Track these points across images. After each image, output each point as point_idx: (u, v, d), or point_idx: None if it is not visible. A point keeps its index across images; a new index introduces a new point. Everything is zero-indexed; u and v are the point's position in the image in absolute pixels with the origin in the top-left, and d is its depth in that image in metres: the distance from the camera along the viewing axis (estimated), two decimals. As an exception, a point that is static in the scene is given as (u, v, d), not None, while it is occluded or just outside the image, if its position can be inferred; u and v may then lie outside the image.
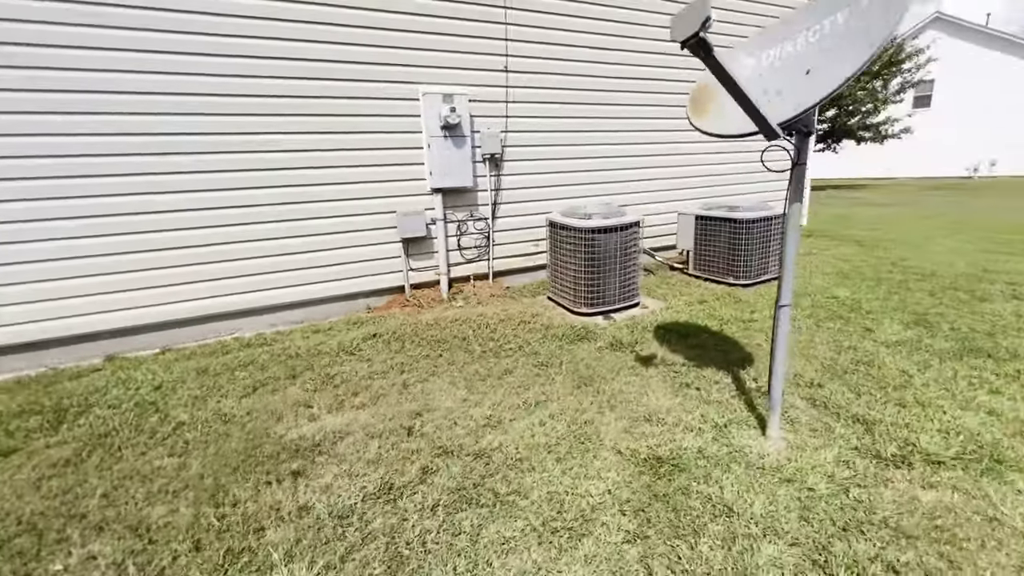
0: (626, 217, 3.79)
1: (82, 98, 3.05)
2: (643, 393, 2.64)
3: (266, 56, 3.43)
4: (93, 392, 2.82)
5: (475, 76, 4.12)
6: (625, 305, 3.93)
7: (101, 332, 3.31)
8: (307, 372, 3.02)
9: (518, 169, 4.49)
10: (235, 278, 3.61)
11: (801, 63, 1.82)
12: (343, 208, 3.84)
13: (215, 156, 3.42)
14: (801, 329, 3.43)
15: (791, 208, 1.95)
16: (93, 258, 3.22)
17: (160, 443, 2.32)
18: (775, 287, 4.37)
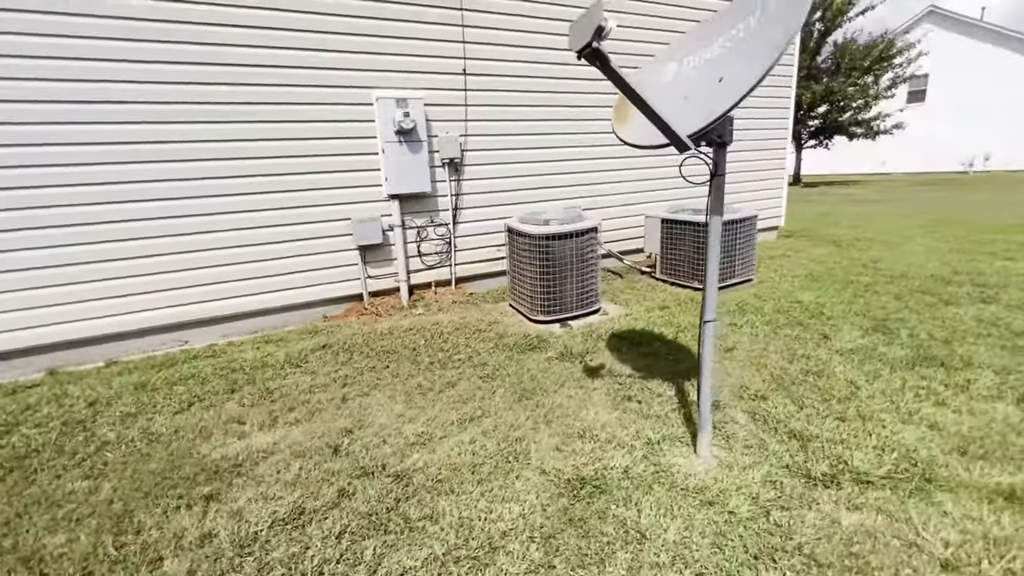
0: (583, 223, 3.72)
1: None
2: (583, 407, 2.58)
3: (212, 63, 3.36)
4: (24, 410, 2.76)
5: (432, 79, 4.05)
6: (584, 312, 3.86)
7: (42, 346, 3.25)
8: (247, 386, 2.96)
9: (480, 174, 4.42)
10: (185, 288, 3.54)
11: (715, 70, 1.75)
12: (296, 216, 3.77)
13: (161, 166, 3.35)
14: (757, 336, 3.36)
15: (712, 220, 1.88)
16: (32, 271, 3.15)
17: (78, 465, 2.26)
18: (740, 291, 4.31)
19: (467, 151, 4.32)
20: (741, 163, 5.96)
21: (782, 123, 6.26)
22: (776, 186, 6.46)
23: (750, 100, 1.56)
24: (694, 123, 1.66)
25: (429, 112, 4.09)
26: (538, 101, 4.50)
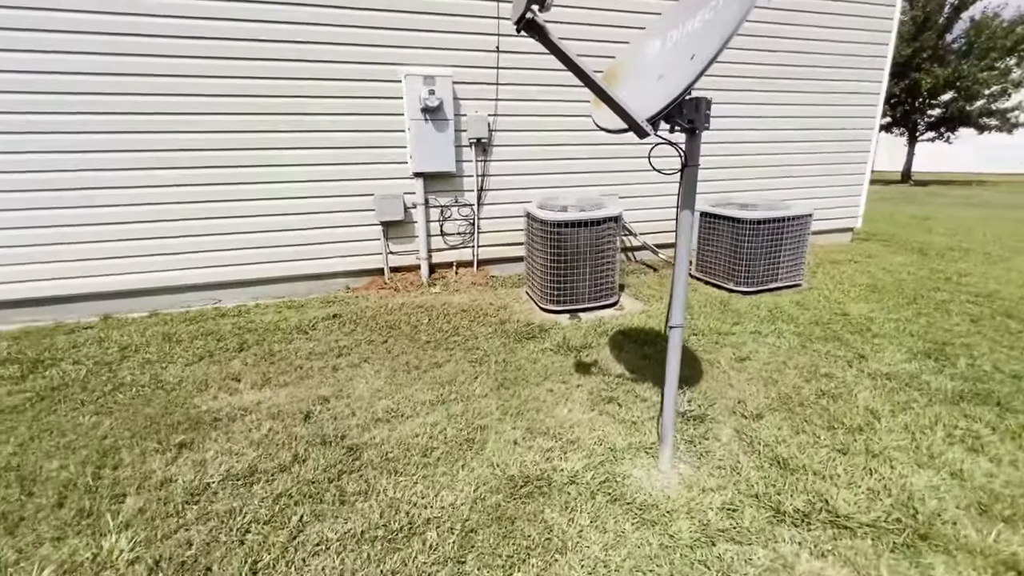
0: (600, 211, 3.53)
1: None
2: (559, 403, 2.48)
3: (240, 38, 3.53)
4: (71, 348, 3.13)
5: (463, 56, 3.99)
6: (597, 305, 3.70)
7: (99, 293, 3.66)
8: (255, 347, 3.15)
9: (508, 155, 4.33)
10: (220, 251, 3.82)
11: (691, 45, 1.54)
12: (322, 189, 3.92)
13: (202, 135, 3.60)
14: (780, 349, 3.03)
15: (681, 215, 1.69)
16: (90, 226, 3.54)
17: (94, 401, 2.53)
18: (780, 297, 3.92)
19: (496, 131, 4.23)
20: (800, 155, 5.35)
21: (866, 112, 5.52)
22: (854, 182, 5.75)
23: (820, 86, 1.36)
24: (655, 103, 1.48)
25: (458, 90, 4.04)
26: (574, 81, 4.29)
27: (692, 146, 1.61)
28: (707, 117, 1.58)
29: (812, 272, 4.60)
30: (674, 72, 1.53)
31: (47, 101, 3.28)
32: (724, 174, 5.10)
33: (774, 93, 5.04)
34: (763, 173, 5.25)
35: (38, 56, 3.21)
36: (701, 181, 4.91)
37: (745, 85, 4.90)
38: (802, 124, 5.24)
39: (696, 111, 1.55)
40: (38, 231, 3.46)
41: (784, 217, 3.92)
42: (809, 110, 5.22)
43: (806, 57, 5.05)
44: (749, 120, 5.01)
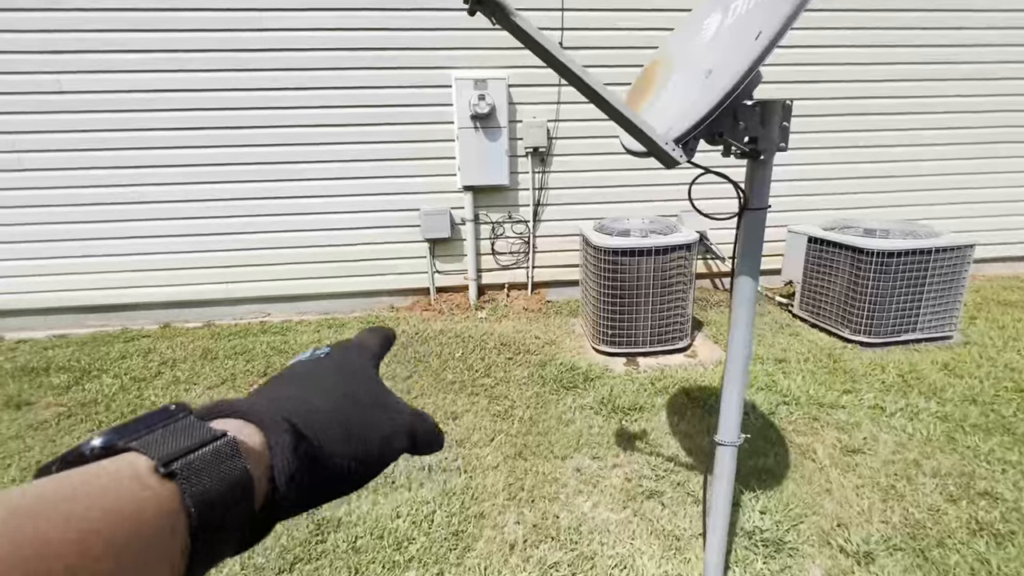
0: (670, 236, 2.88)
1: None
2: (583, 491, 1.95)
3: (289, 48, 3.41)
4: (120, 359, 3.22)
5: (520, 56, 3.54)
6: (663, 349, 3.05)
7: (160, 303, 3.79)
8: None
9: (570, 165, 3.80)
10: (268, 266, 3.79)
11: (755, 18, 0.95)
12: (366, 203, 3.72)
13: (252, 149, 3.57)
14: (912, 438, 2.19)
15: (738, 284, 1.10)
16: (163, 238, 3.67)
17: (109, 423, 2.50)
18: (917, 354, 2.96)
19: (557, 139, 3.73)
20: (955, 161, 4.12)
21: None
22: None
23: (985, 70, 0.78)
24: (691, 118, 0.92)
25: (514, 93, 3.61)
26: (655, 78, 3.64)
27: (757, 178, 1.02)
28: (784, 132, 0.97)
29: (970, 318, 3.48)
30: (728, 63, 0.96)
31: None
32: (841, 185, 4.10)
33: (920, 80, 3.93)
34: (900, 184, 4.14)
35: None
36: (809, 195, 3.97)
37: (861, 61, 3.87)
38: (958, 121, 4.04)
39: (763, 124, 0.96)
40: (110, 243, 3.65)
41: (930, 249, 2.94)
42: (968, 103, 4.01)
43: (967, 25, 3.87)
44: (879, 118, 3.96)
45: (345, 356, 0.40)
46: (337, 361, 0.38)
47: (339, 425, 0.32)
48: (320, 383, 0.35)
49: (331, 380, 0.36)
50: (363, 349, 0.42)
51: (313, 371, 0.36)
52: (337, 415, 0.33)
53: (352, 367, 0.38)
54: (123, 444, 0.24)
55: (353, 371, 0.38)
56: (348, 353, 0.40)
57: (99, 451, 0.24)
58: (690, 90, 1.10)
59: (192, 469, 0.24)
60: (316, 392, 0.34)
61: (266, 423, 0.29)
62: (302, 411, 0.31)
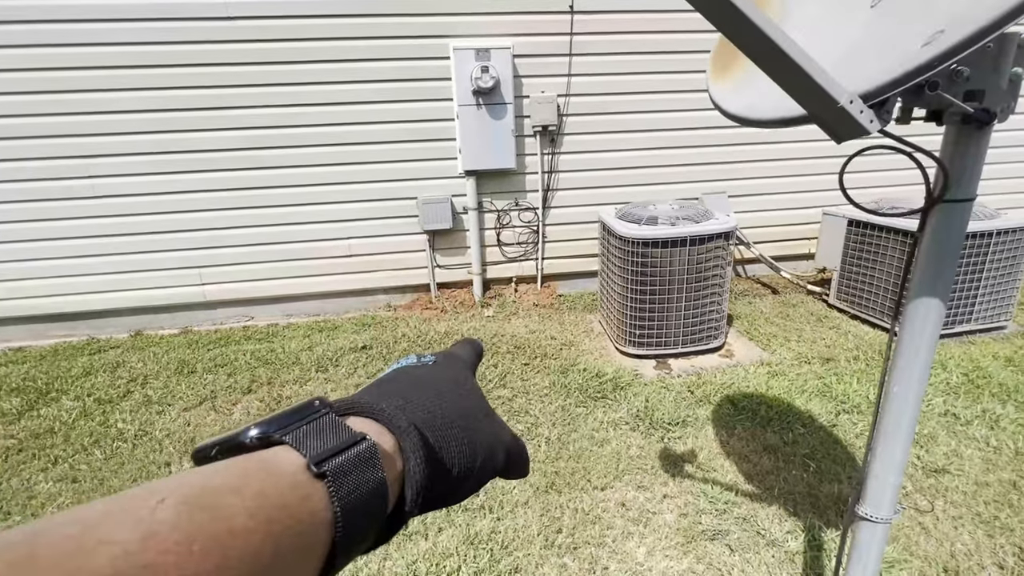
0: (706, 223, 2.56)
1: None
2: (634, 532, 1.65)
3: (260, 16, 2.97)
4: (84, 375, 2.84)
5: (526, 22, 3.14)
6: (696, 349, 2.75)
7: (129, 308, 3.40)
8: (265, 388, 2.65)
9: (583, 145, 3.44)
10: (251, 264, 3.40)
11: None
12: (358, 192, 3.33)
13: (224, 134, 3.15)
14: (1000, 451, 1.92)
15: (911, 309, 0.77)
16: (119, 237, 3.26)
17: (68, 459, 2.14)
18: (973, 347, 2.70)
19: (568, 116, 3.36)
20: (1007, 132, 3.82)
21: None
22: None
23: None
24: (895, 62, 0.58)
25: (520, 66, 3.21)
26: (674, 46, 3.27)
27: (969, 154, 0.68)
28: (1016, 85, 0.64)
29: (1017, 304, 3.21)
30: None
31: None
32: (884, 160, 3.78)
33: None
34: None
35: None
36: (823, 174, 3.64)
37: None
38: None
39: (994, 69, 0.62)
40: (73, 243, 3.23)
41: (990, 231, 2.65)
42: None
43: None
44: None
45: (454, 366, 0.39)
46: (448, 370, 0.38)
47: (456, 437, 0.32)
48: (437, 391, 0.34)
49: (447, 389, 0.35)
50: (465, 361, 0.42)
51: (427, 378, 0.36)
52: (455, 426, 0.33)
53: (462, 378, 0.38)
54: (278, 437, 0.25)
55: (463, 381, 0.38)
56: (456, 363, 0.40)
57: (255, 441, 0.25)
58: (840, 25, 0.76)
59: (340, 472, 0.24)
60: (436, 400, 0.33)
61: (401, 428, 0.29)
62: (427, 419, 0.31)
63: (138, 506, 0.18)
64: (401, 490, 0.28)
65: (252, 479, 0.22)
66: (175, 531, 0.18)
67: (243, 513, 0.20)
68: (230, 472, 0.22)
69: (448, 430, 0.32)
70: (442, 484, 0.31)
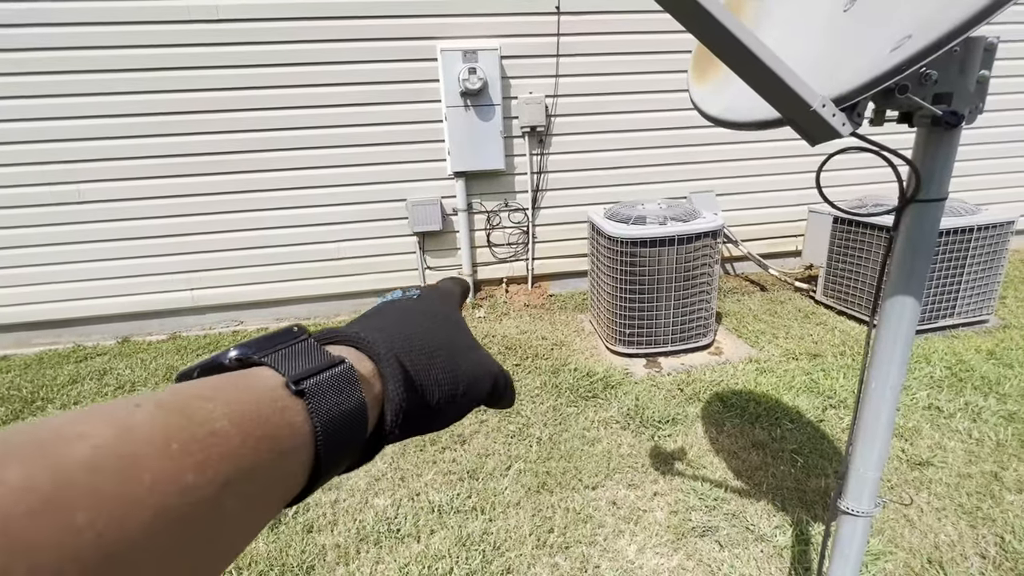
0: (694, 222, 2.58)
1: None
2: (625, 530, 1.66)
3: (246, 18, 2.95)
4: (70, 383, 2.81)
5: (513, 23, 3.15)
6: (685, 347, 2.77)
7: (117, 315, 3.36)
8: (255, 393, 2.63)
9: (572, 146, 3.45)
10: (239, 268, 3.38)
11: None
12: (347, 195, 3.32)
13: (214, 137, 3.13)
14: (982, 443, 1.95)
15: (888, 306, 0.78)
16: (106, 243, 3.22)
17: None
18: (957, 341, 2.74)
19: (556, 116, 3.37)
20: (979, 129, 3.89)
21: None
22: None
23: None
24: (865, 66, 0.60)
25: (507, 67, 3.22)
26: (661, 46, 3.29)
27: (940, 154, 0.70)
28: (983, 88, 0.65)
29: (999, 298, 3.27)
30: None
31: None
32: (868, 158, 3.84)
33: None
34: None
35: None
36: (834, 170, 3.66)
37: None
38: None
39: (961, 73, 0.64)
40: (57, 249, 3.19)
41: (971, 227, 2.70)
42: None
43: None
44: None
45: (438, 300, 0.40)
46: (432, 304, 0.38)
47: (439, 365, 0.33)
48: (420, 322, 0.35)
49: (429, 320, 0.36)
50: (451, 295, 0.43)
51: (411, 309, 0.37)
52: (438, 355, 0.33)
53: (446, 310, 0.39)
54: (257, 358, 0.25)
55: (447, 314, 0.38)
56: (441, 297, 0.41)
57: (234, 362, 0.26)
58: (812, 28, 0.77)
59: (318, 390, 0.25)
60: (417, 330, 0.34)
61: (379, 355, 0.30)
62: (408, 347, 0.32)
63: (114, 409, 0.19)
64: (381, 413, 0.29)
65: (229, 392, 0.22)
66: (152, 429, 0.18)
67: (222, 418, 0.20)
68: (207, 384, 0.22)
69: (430, 358, 0.32)
70: (422, 410, 0.31)
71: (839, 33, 0.71)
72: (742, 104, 0.82)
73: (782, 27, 0.86)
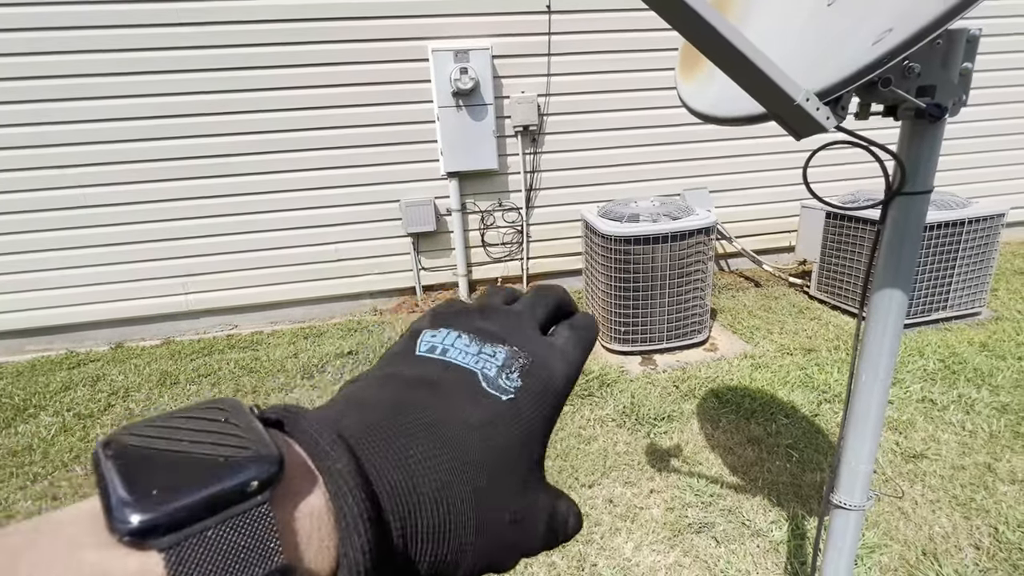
0: (687, 220, 2.58)
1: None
2: (622, 528, 1.66)
3: (240, 20, 2.94)
4: (63, 390, 2.78)
5: (504, 22, 3.15)
6: (681, 344, 2.78)
7: (110, 320, 3.34)
8: (250, 397, 2.62)
9: (565, 144, 3.45)
10: (234, 272, 3.36)
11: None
12: (340, 197, 3.31)
13: (206, 140, 3.11)
14: (976, 435, 1.96)
15: (876, 299, 0.79)
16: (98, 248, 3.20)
17: (47, 475, 2.10)
18: (949, 333, 2.75)
19: (548, 115, 3.37)
20: (966, 124, 3.91)
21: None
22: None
23: None
24: (847, 60, 0.60)
25: (499, 66, 3.22)
26: (652, 43, 3.30)
27: (924, 148, 0.70)
28: (966, 80, 0.66)
29: (991, 290, 3.30)
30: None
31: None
32: (861, 152, 3.85)
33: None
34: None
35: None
36: (818, 166, 3.66)
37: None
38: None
39: (944, 65, 0.64)
40: (49, 255, 3.17)
41: (962, 220, 2.71)
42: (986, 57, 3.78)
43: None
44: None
45: (529, 421, 0.23)
46: (510, 434, 0.22)
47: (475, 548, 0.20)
48: (484, 463, 0.21)
49: (486, 475, 0.21)
50: (560, 397, 0.24)
51: (480, 449, 0.21)
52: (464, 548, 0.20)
53: (526, 449, 0.22)
54: (154, 547, 0.13)
55: (516, 465, 0.22)
56: (536, 410, 0.23)
57: (126, 540, 0.13)
58: (795, 24, 0.77)
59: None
60: (461, 475, 0.20)
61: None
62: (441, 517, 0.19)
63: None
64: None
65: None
66: None
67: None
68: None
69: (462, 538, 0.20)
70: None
71: (823, 27, 0.71)
72: (729, 100, 0.82)
73: (768, 22, 0.86)
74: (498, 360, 0.23)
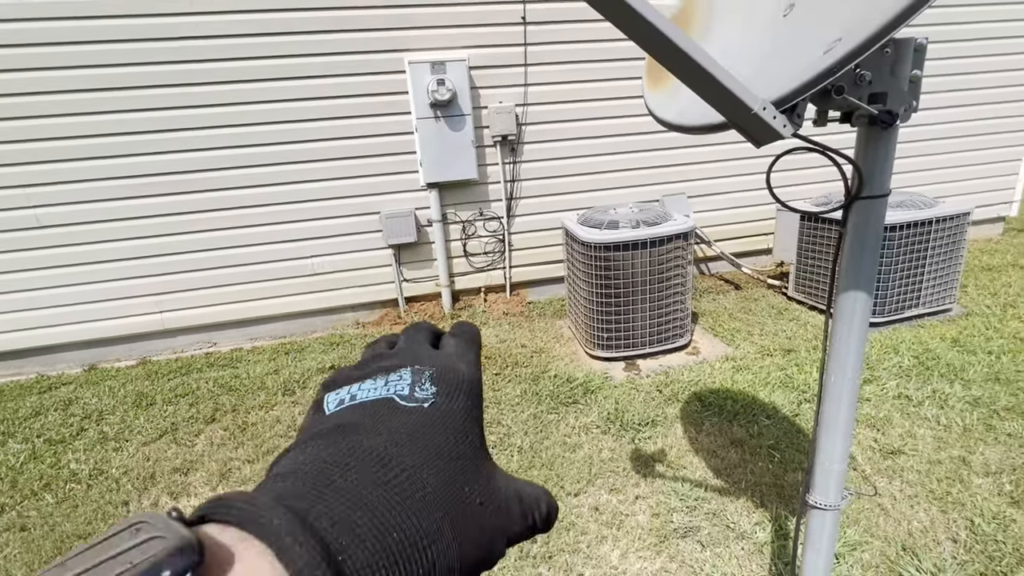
0: (665, 225, 2.62)
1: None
2: (608, 535, 1.66)
3: (220, 35, 2.92)
4: (33, 415, 2.69)
5: (480, 34, 3.18)
6: (662, 348, 2.80)
7: (82, 342, 3.25)
8: (229, 416, 2.57)
9: (543, 153, 3.48)
10: (212, 288, 3.30)
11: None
12: (320, 210, 3.28)
13: (182, 156, 3.07)
14: (950, 429, 2.01)
15: (841, 301, 0.80)
16: (75, 267, 3.12)
17: (16, 505, 2.02)
18: (923, 330, 2.82)
19: (526, 125, 3.39)
20: (930, 126, 4.04)
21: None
22: (1010, 156, 4.35)
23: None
24: (801, 69, 0.62)
25: (476, 77, 3.24)
26: (626, 52, 3.35)
27: (879, 153, 0.72)
28: (915, 87, 0.68)
29: (960, 287, 3.39)
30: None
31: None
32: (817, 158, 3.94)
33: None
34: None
35: None
36: (793, 169, 3.77)
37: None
38: (934, 84, 3.96)
39: (893, 73, 0.66)
40: (17, 276, 3.07)
41: (930, 219, 2.79)
42: (952, 59, 3.92)
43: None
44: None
45: (456, 413, 0.24)
46: (445, 428, 0.23)
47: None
48: (429, 474, 0.21)
49: (439, 470, 0.21)
50: (473, 386, 0.27)
51: (404, 447, 0.21)
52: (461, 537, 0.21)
53: (464, 437, 0.23)
54: None
55: (461, 451, 0.23)
56: (459, 403, 0.25)
57: None
58: (754, 36, 0.79)
59: None
60: (417, 490, 0.20)
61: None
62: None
63: None
64: None
65: None
66: None
67: None
68: None
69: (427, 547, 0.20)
70: None
71: (779, 38, 0.73)
72: (694, 109, 0.83)
73: (730, 34, 0.88)
74: (407, 380, 0.24)
